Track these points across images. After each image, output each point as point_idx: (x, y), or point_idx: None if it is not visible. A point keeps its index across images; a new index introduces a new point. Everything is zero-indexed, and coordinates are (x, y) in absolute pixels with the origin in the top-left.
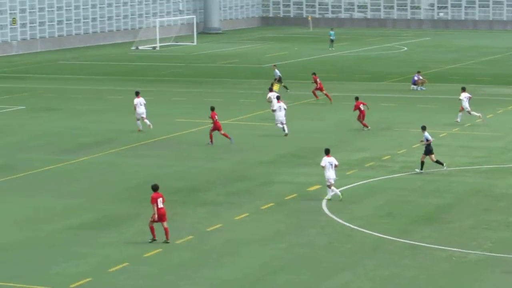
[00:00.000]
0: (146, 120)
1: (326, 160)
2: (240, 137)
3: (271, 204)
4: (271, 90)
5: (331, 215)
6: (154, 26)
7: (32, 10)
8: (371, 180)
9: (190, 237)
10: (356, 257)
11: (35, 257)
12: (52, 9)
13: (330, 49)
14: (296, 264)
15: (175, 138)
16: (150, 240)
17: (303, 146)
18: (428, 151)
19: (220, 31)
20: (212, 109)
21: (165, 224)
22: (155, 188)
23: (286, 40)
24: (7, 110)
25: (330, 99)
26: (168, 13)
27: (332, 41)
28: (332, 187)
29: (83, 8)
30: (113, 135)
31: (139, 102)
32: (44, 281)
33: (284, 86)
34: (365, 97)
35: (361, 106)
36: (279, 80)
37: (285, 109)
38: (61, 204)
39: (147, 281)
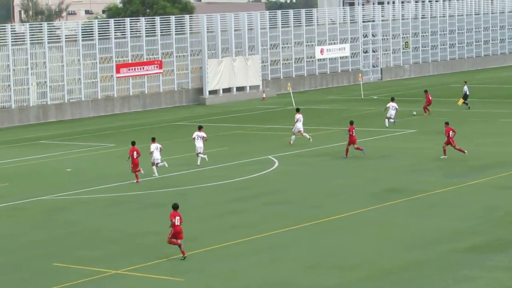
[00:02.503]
0: (162, 163)
1: None
2: None
3: None
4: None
5: None
6: None
7: (425, 34)
8: None
9: None
10: None
11: (425, 279)
12: (444, 32)
13: None
14: None
15: None
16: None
17: None
18: None
19: None
20: (351, 123)
21: (179, 241)
22: (174, 207)
23: None
24: (398, 133)
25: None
26: None
27: None
28: None
29: (476, 31)
30: (506, 158)
31: (155, 147)
32: None
33: (466, 103)
34: None
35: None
36: (464, 97)
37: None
38: (450, 226)
39: None
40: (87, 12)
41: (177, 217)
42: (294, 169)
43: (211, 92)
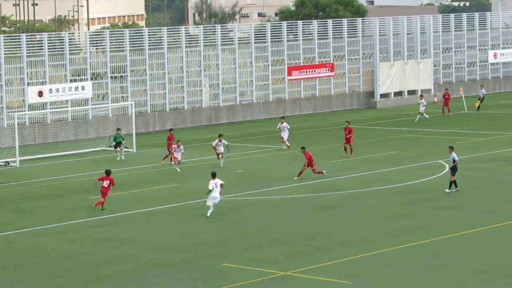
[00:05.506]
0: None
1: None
2: None
3: None
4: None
5: None
6: None
7: None
8: None
9: None
10: None
11: None
12: None
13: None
14: None
15: None
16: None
17: None
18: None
19: None
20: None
21: (102, 199)
22: (107, 172)
23: None
24: None
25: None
26: None
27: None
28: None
29: None
30: None
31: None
32: None
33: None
34: None
35: None
36: (482, 100)
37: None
38: None
39: None
40: (259, 14)
41: (107, 181)
42: (466, 174)
43: (382, 96)
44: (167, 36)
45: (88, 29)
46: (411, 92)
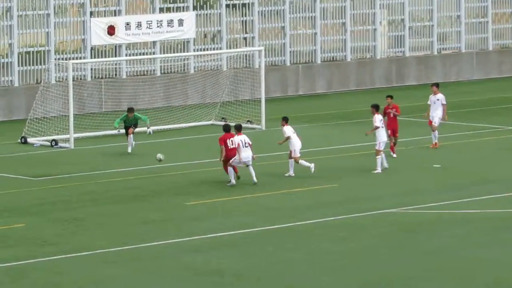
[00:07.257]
0: None
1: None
2: None
3: None
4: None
5: None
6: None
7: None
8: None
9: None
10: None
11: None
12: None
13: None
14: None
15: None
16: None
17: None
18: None
19: None
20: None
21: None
22: (226, 129)
23: None
24: None
25: None
26: None
27: None
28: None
29: None
30: None
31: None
32: None
33: None
34: None
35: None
36: None
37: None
38: None
39: None
40: None
41: (231, 139)
42: None
43: None
44: None
45: None
46: None
